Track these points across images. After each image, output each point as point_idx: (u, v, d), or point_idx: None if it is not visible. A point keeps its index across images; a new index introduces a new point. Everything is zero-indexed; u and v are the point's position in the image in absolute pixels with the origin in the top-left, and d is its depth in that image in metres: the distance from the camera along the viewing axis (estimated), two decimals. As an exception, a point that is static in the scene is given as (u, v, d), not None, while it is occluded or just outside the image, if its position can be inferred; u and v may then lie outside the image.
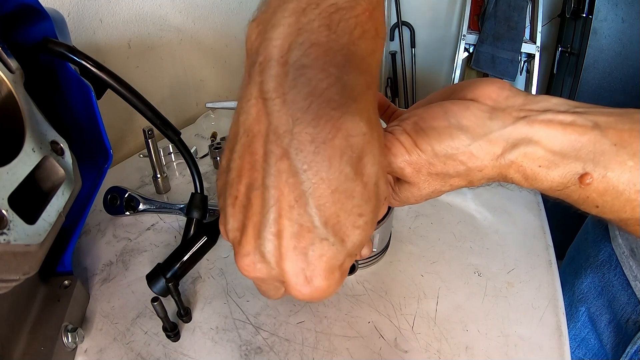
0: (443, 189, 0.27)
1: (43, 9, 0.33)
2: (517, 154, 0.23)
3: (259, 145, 0.18)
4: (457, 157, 0.24)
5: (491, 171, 0.24)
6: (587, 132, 0.22)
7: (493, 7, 1.70)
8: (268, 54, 0.18)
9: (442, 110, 0.25)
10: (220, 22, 0.97)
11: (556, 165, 0.23)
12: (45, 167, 0.30)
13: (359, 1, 0.18)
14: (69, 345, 0.33)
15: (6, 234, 0.23)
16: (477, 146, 0.23)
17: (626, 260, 0.47)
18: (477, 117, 0.24)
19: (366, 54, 0.19)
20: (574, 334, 0.56)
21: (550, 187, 0.24)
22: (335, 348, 0.35)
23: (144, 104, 0.40)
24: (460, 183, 0.26)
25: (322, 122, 0.17)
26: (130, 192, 0.53)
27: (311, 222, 0.18)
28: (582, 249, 0.59)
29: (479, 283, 0.43)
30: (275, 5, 0.19)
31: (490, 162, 0.24)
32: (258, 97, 0.18)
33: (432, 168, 0.25)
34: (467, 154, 0.24)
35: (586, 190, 0.23)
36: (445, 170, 0.25)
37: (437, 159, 0.24)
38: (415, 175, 0.25)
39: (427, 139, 0.24)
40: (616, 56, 1.33)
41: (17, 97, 0.28)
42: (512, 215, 0.54)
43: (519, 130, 0.23)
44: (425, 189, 0.27)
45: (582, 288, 0.55)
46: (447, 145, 0.24)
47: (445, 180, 0.26)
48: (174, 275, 0.39)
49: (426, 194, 0.27)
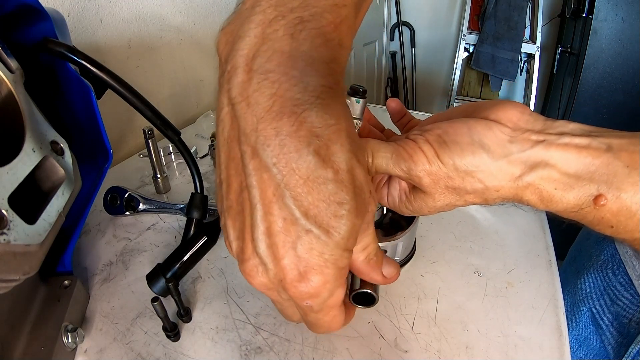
0: (457, 203, 0.27)
1: (43, 9, 0.33)
2: (534, 176, 0.24)
3: (236, 149, 0.19)
4: (476, 175, 0.24)
5: (508, 192, 0.25)
6: (600, 155, 0.23)
7: (493, 7, 1.70)
8: (235, 63, 0.19)
9: (466, 127, 0.25)
10: (220, 22, 0.96)
11: (571, 187, 0.23)
12: (45, 167, 0.30)
13: (324, 15, 0.19)
14: (69, 345, 0.33)
15: (6, 234, 0.23)
16: (496, 166, 0.24)
17: (629, 259, 0.47)
18: (499, 138, 0.24)
19: (328, 60, 0.19)
20: (576, 334, 0.56)
21: (565, 208, 0.24)
22: (335, 348, 0.35)
23: (144, 104, 0.40)
24: (475, 200, 0.26)
25: (285, 117, 0.18)
26: (130, 192, 0.53)
27: (292, 214, 0.18)
28: (584, 249, 0.59)
29: (479, 283, 0.43)
30: (244, 17, 0.20)
31: (508, 182, 0.24)
32: (228, 104, 0.19)
33: (450, 182, 0.25)
34: (486, 173, 0.24)
35: (600, 211, 0.23)
36: (463, 185, 0.25)
37: (456, 174, 0.25)
38: (432, 186, 0.26)
39: (449, 152, 0.25)
40: (616, 56, 1.33)
41: (17, 97, 0.28)
42: (512, 215, 0.54)
43: (537, 153, 0.24)
44: (439, 201, 0.27)
45: (584, 288, 0.55)
46: (468, 161, 0.24)
47: (460, 195, 0.26)
48: (174, 275, 0.39)
49: (440, 206, 0.27)
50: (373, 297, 0.35)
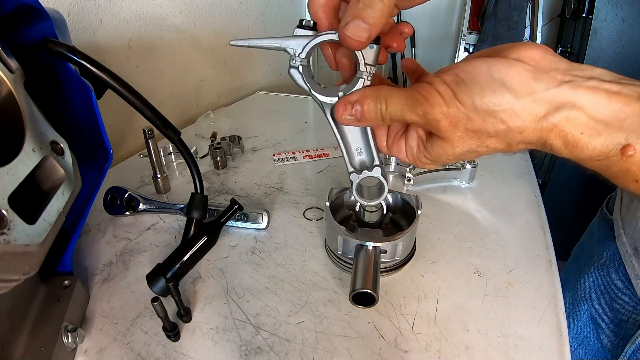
0: (479, 149, 0.25)
1: (43, 9, 0.33)
2: (560, 117, 0.22)
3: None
4: (498, 114, 0.23)
5: (531, 134, 0.23)
6: (631, 103, 0.21)
7: (493, 7, 1.70)
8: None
9: (485, 65, 0.23)
10: (220, 22, 0.97)
11: (598, 134, 0.22)
12: (45, 167, 0.30)
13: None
14: (69, 345, 0.33)
15: (6, 234, 0.23)
16: (520, 105, 0.22)
17: (629, 258, 0.47)
18: (522, 76, 0.23)
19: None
20: (575, 333, 0.56)
21: (590, 156, 0.23)
22: (335, 348, 0.35)
23: (144, 104, 0.40)
24: (497, 145, 0.25)
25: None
26: (130, 192, 0.53)
27: None
28: (587, 248, 0.59)
29: (479, 283, 0.42)
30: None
31: (532, 123, 0.23)
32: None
33: (470, 124, 0.24)
34: (508, 112, 0.23)
35: (627, 162, 0.22)
36: (484, 127, 0.23)
37: (476, 114, 0.23)
38: (450, 130, 0.24)
39: (468, 91, 0.23)
40: (616, 56, 1.33)
41: (17, 97, 0.28)
42: (512, 215, 0.54)
43: (563, 93, 0.22)
44: (459, 147, 0.25)
45: (584, 287, 0.55)
46: (489, 100, 0.23)
47: (482, 139, 0.24)
48: (174, 275, 0.39)
49: (460, 152, 0.26)
50: (373, 297, 0.35)
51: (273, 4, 1.20)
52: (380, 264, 0.39)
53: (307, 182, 0.63)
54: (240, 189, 0.61)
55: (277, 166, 0.69)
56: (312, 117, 0.96)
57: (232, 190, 0.61)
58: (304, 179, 0.64)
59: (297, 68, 0.30)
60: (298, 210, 0.55)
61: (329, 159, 0.71)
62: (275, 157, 0.71)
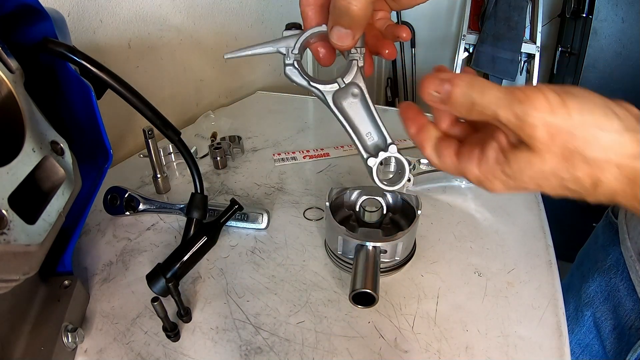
0: (563, 175, 0.22)
1: (43, 9, 0.33)
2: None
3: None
4: (602, 138, 0.21)
5: (627, 171, 0.21)
6: None
7: (493, 7, 1.70)
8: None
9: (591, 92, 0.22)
10: (220, 22, 0.97)
11: None
12: (45, 167, 0.30)
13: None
14: (69, 345, 0.33)
15: (6, 234, 0.23)
16: (627, 137, 0.20)
17: (633, 264, 0.47)
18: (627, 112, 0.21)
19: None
20: (579, 339, 0.55)
21: None
22: (335, 348, 0.35)
23: (144, 104, 0.40)
24: (583, 178, 0.22)
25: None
26: (130, 192, 0.53)
27: None
28: (592, 253, 0.58)
29: (479, 283, 0.43)
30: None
31: (632, 160, 0.21)
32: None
33: (571, 141, 0.21)
34: (614, 140, 0.21)
35: None
36: (582, 149, 0.21)
37: (581, 131, 0.21)
38: (546, 142, 0.21)
39: (578, 105, 0.21)
40: (616, 56, 1.33)
41: (17, 97, 0.28)
42: (512, 215, 0.54)
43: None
44: (549, 164, 0.22)
45: (588, 292, 0.55)
46: (599, 120, 0.20)
47: (572, 163, 0.22)
48: (174, 275, 0.39)
49: (548, 170, 0.23)
50: (373, 297, 0.35)
51: (273, 4, 1.20)
52: (380, 264, 0.39)
53: (307, 182, 0.63)
54: (240, 189, 0.61)
55: (277, 166, 0.69)
56: (312, 117, 0.96)
57: (232, 190, 0.61)
58: (304, 179, 0.64)
59: (292, 64, 0.31)
60: (298, 210, 0.55)
61: (329, 159, 0.71)
62: (275, 157, 0.71)
